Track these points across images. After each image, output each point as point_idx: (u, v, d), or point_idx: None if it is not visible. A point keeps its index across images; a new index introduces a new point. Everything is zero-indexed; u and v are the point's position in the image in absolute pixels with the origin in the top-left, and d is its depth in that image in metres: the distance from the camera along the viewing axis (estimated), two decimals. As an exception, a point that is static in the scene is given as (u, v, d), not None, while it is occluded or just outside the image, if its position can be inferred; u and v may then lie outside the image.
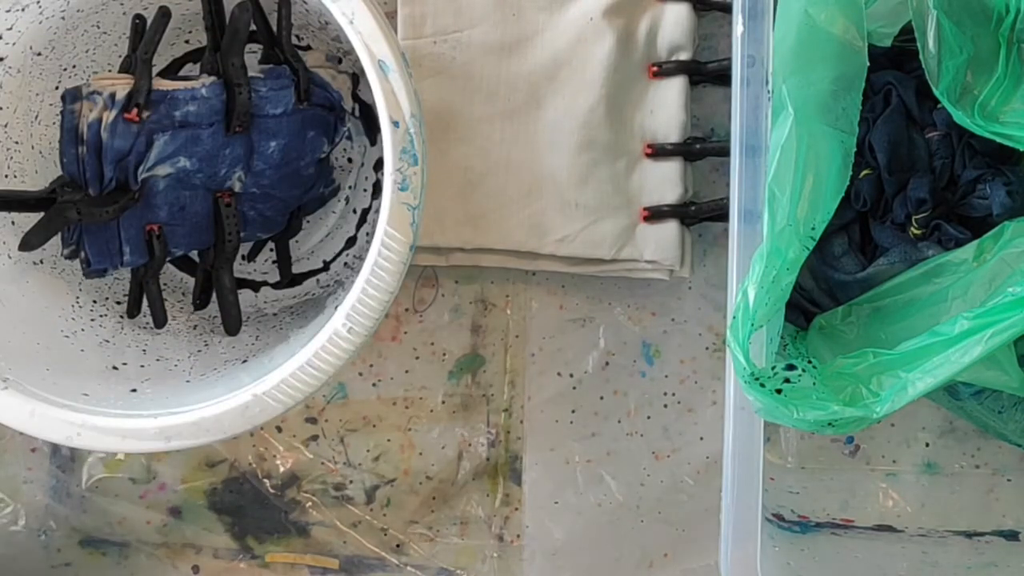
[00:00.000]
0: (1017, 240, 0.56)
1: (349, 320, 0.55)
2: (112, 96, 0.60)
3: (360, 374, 0.72)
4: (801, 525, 0.70)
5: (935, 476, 0.71)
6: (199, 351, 0.67)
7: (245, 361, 0.65)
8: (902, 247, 0.60)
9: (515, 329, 0.72)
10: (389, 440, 0.72)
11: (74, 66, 0.67)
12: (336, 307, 0.57)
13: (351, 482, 0.73)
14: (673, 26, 0.67)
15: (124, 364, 0.64)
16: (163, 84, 0.62)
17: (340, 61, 0.69)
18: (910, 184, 0.60)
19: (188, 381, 0.63)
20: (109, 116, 0.60)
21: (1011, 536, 0.70)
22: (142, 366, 0.65)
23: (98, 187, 0.61)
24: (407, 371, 0.72)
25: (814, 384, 0.53)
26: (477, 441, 0.72)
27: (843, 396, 0.52)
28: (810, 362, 0.55)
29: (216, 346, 0.68)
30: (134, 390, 0.61)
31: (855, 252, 0.62)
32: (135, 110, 0.60)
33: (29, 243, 0.62)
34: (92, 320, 0.67)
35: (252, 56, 0.66)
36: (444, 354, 0.72)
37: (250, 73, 0.63)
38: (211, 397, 0.57)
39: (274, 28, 0.65)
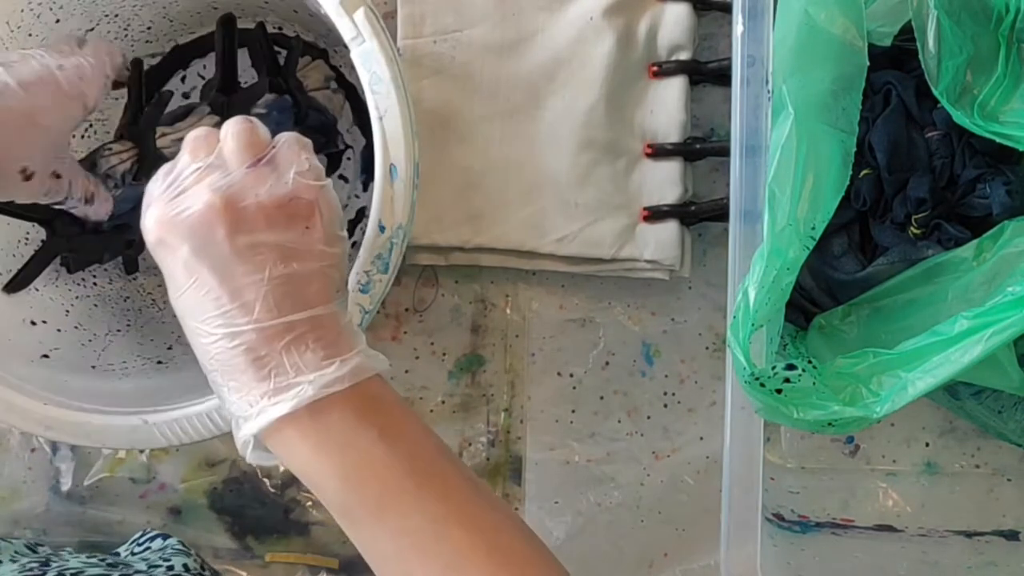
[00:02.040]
0: (1017, 240, 0.56)
1: None
2: (123, 175, 0.60)
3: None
4: (801, 525, 0.70)
5: (935, 476, 0.71)
6: (118, 331, 0.66)
7: (160, 363, 0.64)
8: (902, 247, 0.60)
9: (515, 329, 0.72)
10: (389, 440, 0.72)
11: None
12: None
13: (351, 482, 0.73)
14: (673, 26, 0.67)
15: (44, 322, 0.63)
16: (166, 141, 0.62)
17: (336, 81, 0.69)
18: (910, 184, 0.60)
19: (94, 367, 0.62)
20: (115, 192, 0.60)
21: (1011, 536, 0.70)
22: (59, 330, 0.63)
23: (93, 228, 0.61)
24: (407, 371, 0.72)
25: (814, 384, 0.53)
26: (477, 441, 0.72)
27: (843, 396, 0.52)
28: (810, 362, 0.55)
29: (136, 331, 0.67)
30: (46, 356, 0.61)
31: (855, 252, 0.62)
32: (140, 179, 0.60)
33: (17, 286, 0.62)
34: None
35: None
36: (444, 354, 0.72)
37: (255, 110, 0.63)
38: (106, 398, 0.57)
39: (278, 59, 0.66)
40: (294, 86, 0.65)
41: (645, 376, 0.72)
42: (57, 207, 0.57)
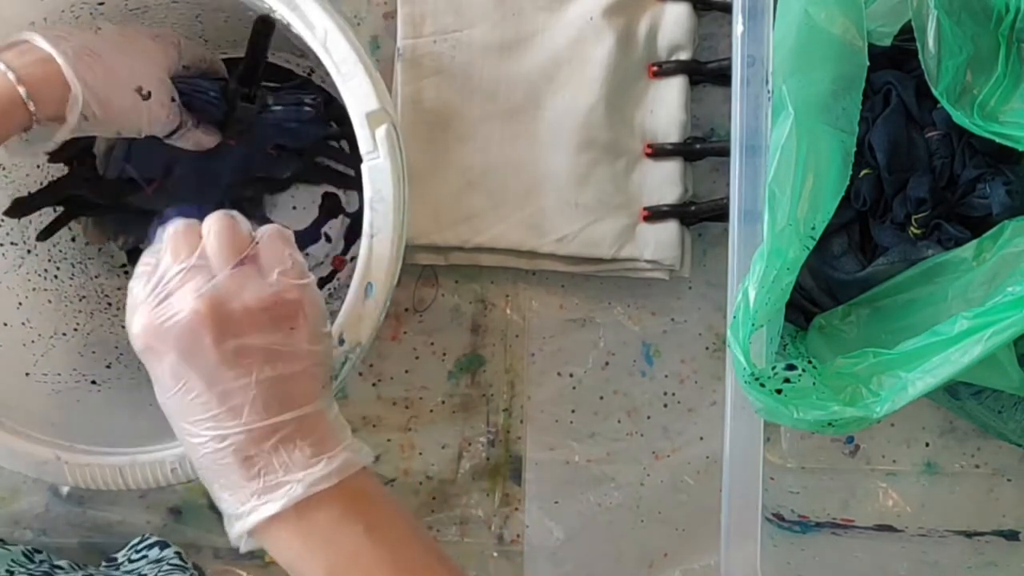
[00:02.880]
0: (1017, 239, 0.56)
1: (176, 464, 0.55)
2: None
3: (360, 374, 0.72)
4: (801, 525, 0.70)
5: (935, 476, 0.71)
6: (64, 334, 0.66)
7: (94, 383, 0.64)
8: (902, 247, 0.60)
9: (515, 329, 0.72)
10: (389, 440, 0.72)
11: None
12: None
13: (351, 482, 0.73)
14: (673, 26, 0.67)
15: None
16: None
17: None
18: (910, 184, 0.60)
19: (28, 374, 0.61)
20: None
21: (1011, 536, 0.70)
22: (5, 324, 0.63)
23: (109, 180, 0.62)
24: (407, 371, 0.72)
25: (814, 384, 0.53)
26: (477, 441, 0.72)
27: (843, 396, 0.52)
28: (810, 362, 0.55)
29: (82, 337, 0.66)
30: None
31: (855, 252, 0.62)
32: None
33: (18, 211, 0.62)
34: (0, 244, 0.65)
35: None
36: (444, 354, 0.72)
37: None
38: (27, 417, 0.56)
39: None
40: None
41: (645, 376, 0.72)
42: (172, 138, 0.60)
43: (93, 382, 0.64)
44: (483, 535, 0.73)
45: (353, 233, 0.71)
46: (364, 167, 0.54)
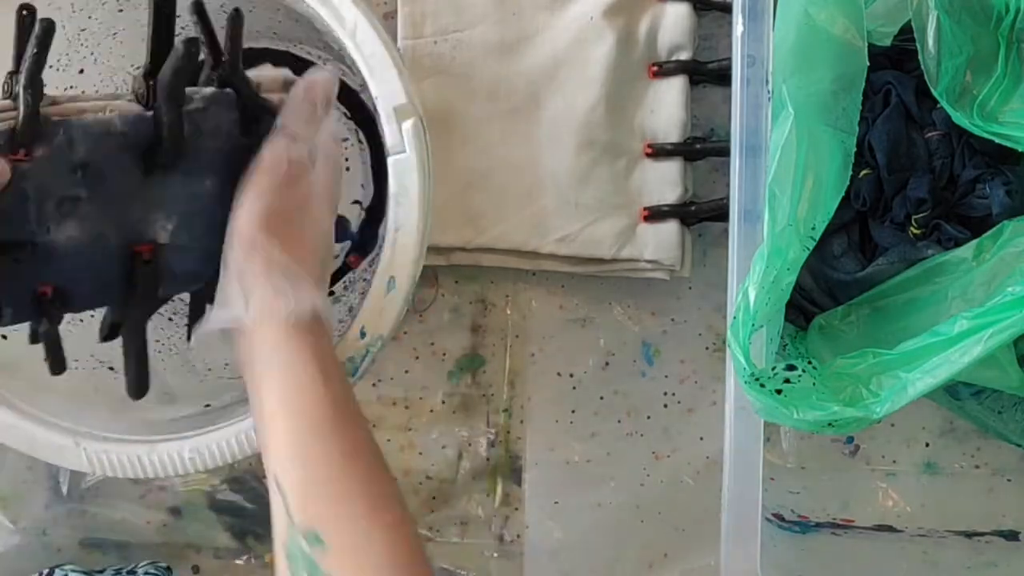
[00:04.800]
0: (1016, 239, 0.56)
1: (194, 453, 0.56)
2: None
3: (360, 374, 0.72)
4: (801, 525, 0.70)
5: (935, 476, 0.71)
6: (80, 320, 0.63)
7: (112, 369, 0.63)
8: (902, 247, 0.60)
9: (515, 329, 0.72)
10: (389, 440, 0.72)
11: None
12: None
13: (351, 482, 0.73)
14: (673, 26, 0.67)
15: None
16: (62, 108, 0.47)
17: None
18: (909, 184, 0.60)
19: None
20: None
21: (1011, 536, 0.70)
22: None
23: None
24: (407, 371, 0.72)
25: (814, 384, 0.53)
26: (477, 441, 0.72)
27: (843, 396, 0.52)
28: (810, 362, 0.55)
29: (93, 324, 0.62)
30: (4, 337, 0.59)
31: (855, 252, 0.62)
32: (20, 151, 0.45)
33: None
34: None
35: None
36: (444, 354, 0.72)
37: (190, 105, 0.50)
38: (48, 405, 0.57)
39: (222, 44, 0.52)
40: (239, 78, 0.52)
41: (645, 376, 0.72)
42: None
43: (111, 368, 0.64)
44: (483, 535, 0.73)
45: (369, 226, 0.71)
46: (390, 161, 0.55)
